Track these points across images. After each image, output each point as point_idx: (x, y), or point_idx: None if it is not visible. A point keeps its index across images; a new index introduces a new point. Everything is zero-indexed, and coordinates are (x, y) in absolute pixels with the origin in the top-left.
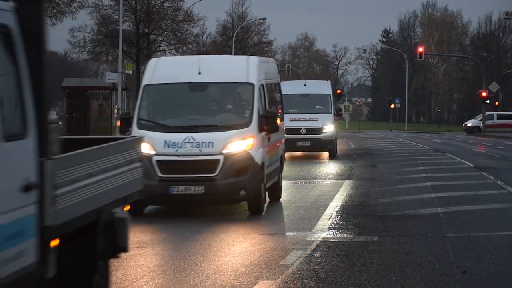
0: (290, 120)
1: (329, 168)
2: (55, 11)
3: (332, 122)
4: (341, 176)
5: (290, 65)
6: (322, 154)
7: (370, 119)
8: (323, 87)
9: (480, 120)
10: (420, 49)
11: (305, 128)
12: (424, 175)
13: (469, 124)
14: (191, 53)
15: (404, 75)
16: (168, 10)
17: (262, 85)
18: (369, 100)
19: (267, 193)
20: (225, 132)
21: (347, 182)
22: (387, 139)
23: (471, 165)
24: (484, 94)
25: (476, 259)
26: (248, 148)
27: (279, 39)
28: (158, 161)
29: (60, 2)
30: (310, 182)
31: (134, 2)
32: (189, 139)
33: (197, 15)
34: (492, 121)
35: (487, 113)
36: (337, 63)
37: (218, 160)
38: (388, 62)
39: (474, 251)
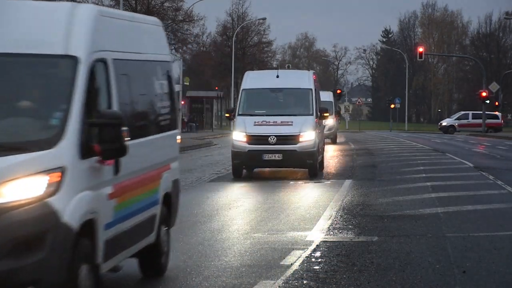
0: (255, 125)
1: (329, 168)
2: None
3: (313, 128)
4: (341, 176)
5: (290, 65)
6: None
7: (370, 119)
8: (302, 79)
9: (455, 120)
10: (420, 49)
11: (275, 136)
12: (424, 175)
13: (444, 123)
14: (191, 53)
15: (404, 75)
16: (168, 10)
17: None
18: (369, 100)
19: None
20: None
21: (347, 182)
22: (387, 139)
23: (471, 165)
24: (484, 94)
25: (476, 259)
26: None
27: (279, 39)
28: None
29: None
30: (310, 182)
31: (134, 2)
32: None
33: (197, 15)
34: (467, 120)
35: (462, 112)
36: (337, 63)
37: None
38: (388, 62)
39: (474, 251)
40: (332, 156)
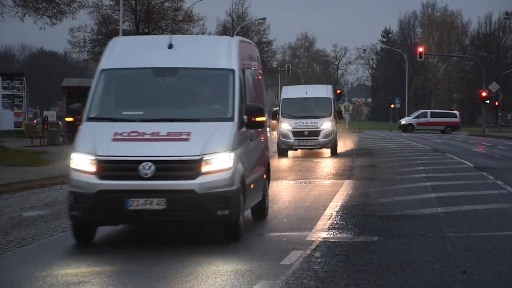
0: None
1: (329, 168)
2: (55, 11)
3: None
4: (341, 176)
5: (290, 65)
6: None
7: (370, 119)
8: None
9: (414, 118)
10: (420, 49)
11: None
12: (424, 175)
13: (403, 122)
14: None
15: (404, 75)
16: (168, 10)
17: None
18: (369, 100)
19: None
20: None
21: (347, 182)
22: (387, 139)
23: (471, 165)
24: (484, 94)
25: (476, 259)
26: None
27: (279, 39)
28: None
29: (60, 2)
30: (310, 182)
31: (134, 2)
32: None
33: (197, 15)
34: (425, 119)
35: (420, 111)
36: (337, 63)
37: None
38: (388, 62)
39: (474, 251)
40: (332, 156)
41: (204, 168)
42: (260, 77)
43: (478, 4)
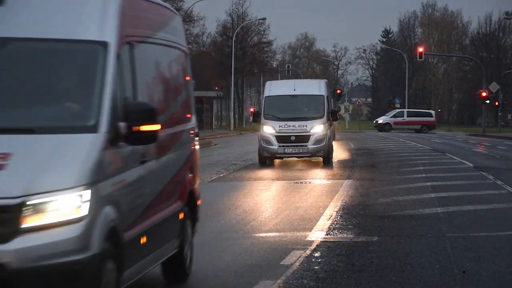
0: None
1: (329, 168)
2: None
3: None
4: (341, 176)
5: (290, 65)
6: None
7: (370, 119)
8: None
9: (391, 117)
10: (420, 49)
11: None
12: (424, 175)
13: (380, 121)
14: (191, 53)
15: (404, 75)
16: None
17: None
18: (369, 100)
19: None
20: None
21: (347, 182)
22: (387, 139)
23: (471, 165)
24: (484, 94)
25: (476, 259)
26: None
27: (279, 39)
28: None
29: None
30: (310, 182)
31: None
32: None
33: (197, 15)
34: (402, 118)
35: (397, 110)
36: (337, 63)
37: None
38: (388, 62)
39: (474, 251)
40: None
41: (28, 221)
42: (181, 61)
43: (478, 4)
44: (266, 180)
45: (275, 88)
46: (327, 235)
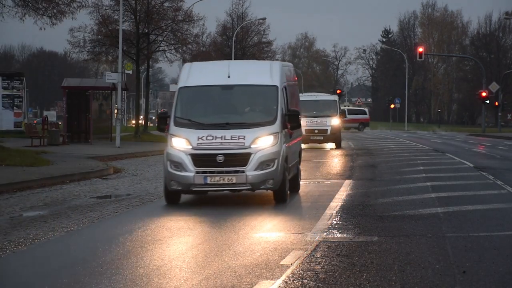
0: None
1: (329, 168)
2: (55, 11)
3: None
4: (341, 176)
5: None
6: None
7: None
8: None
9: None
10: (420, 49)
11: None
12: (424, 175)
13: None
14: (191, 53)
15: (404, 75)
16: (168, 10)
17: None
18: (369, 100)
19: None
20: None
21: (347, 182)
22: (387, 139)
23: (471, 165)
24: (484, 94)
25: (476, 259)
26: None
27: (279, 39)
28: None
29: (60, 2)
30: (310, 182)
31: (134, 2)
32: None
33: (197, 15)
34: (344, 117)
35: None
36: (337, 63)
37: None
38: (388, 62)
39: (474, 251)
40: (331, 156)
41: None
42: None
43: (478, 4)
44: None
45: (197, 73)
46: (327, 235)
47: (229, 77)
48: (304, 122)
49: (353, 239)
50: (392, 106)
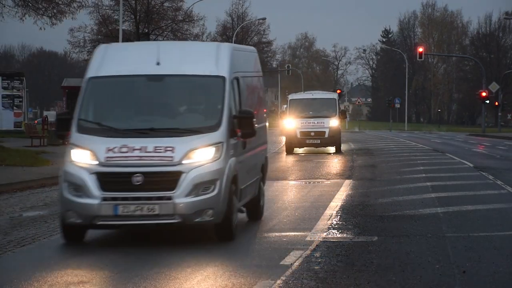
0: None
1: (329, 168)
2: (55, 11)
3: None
4: (341, 176)
5: (290, 65)
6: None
7: (370, 119)
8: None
9: None
10: (420, 49)
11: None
12: (424, 175)
13: None
14: None
15: (404, 75)
16: (168, 10)
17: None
18: (369, 100)
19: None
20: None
21: (347, 182)
22: (387, 139)
23: (471, 165)
24: (484, 94)
25: (476, 259)
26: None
27: (279, 39)
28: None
29: (60, 2)
30: (310, 182)
31: (134, 2)
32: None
33: (197, 15)
34: None
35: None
36: (337, 63)
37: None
38: (388, 62)
39: (474, 251)
40: (331, 155)
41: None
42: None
43: (478, 4)
44: (266, 180)
45: (114, 58)
46: (327, 235)
47: (158, 64)
48: (299, 123)
49: (353, 239)
50: (392, 106)
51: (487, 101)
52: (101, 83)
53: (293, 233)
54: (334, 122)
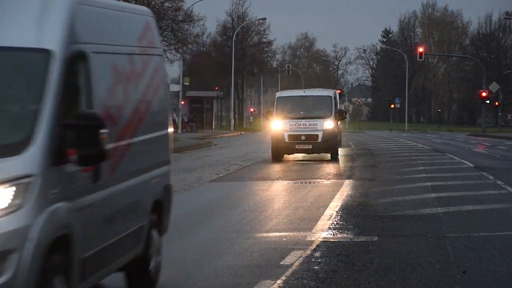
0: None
1: (329, 168)
2: None
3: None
4: (341, 176)
5: (290, 65)
6: None
7: (370, 119)
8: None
9: None
10: (420, 49)
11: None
12: (424, 175)
13: None
14: (191, 53)
15: (404, 75)
16: (168, 10)
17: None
18: (369, 100)
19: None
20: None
21: (347, 182)
22: (387, 139)
23: (471, 165)
24: (484, 94)
25: (476, 259)
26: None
27: (279, 39)
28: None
29: None
30: (310, 182)
31: (134, 2)
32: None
33: (197, 15)
34: None
35: None
36: (337, 63)
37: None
38: (388, 62)
39: (474, 251)
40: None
41: None
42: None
43: (478, 4)
44: (266, 180)
45: None
46: (327, 235)
47: None
48: (287, 125)
49: (353, 239)
50: (392, 106)
51: (487, 101)
52: None
53: (293, 233)
54: (329, 124)
